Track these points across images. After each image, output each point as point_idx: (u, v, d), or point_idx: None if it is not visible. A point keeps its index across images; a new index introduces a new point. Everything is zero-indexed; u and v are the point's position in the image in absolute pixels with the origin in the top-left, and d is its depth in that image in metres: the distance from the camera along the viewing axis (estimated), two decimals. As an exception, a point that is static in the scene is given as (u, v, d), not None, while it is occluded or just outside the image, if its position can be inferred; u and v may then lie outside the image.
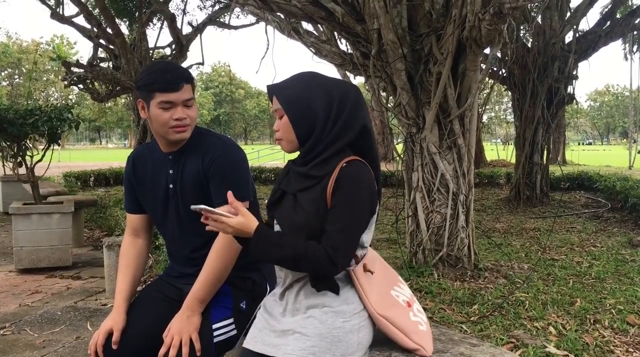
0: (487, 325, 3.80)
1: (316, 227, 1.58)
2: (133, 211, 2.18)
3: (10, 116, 5.79)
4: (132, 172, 2.15)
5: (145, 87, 1.96)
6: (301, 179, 1.67)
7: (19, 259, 5.78)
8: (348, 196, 1.57)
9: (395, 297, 1.74)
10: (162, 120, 1.95)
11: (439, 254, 5.17)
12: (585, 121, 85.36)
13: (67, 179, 13.92)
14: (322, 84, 1.65)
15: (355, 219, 1.59)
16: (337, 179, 1.58)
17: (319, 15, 5.64)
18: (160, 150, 2.09)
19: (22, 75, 57.10)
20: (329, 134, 1.62)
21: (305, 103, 1.62)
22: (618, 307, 4.17)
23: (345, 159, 1.61)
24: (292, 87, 1.66)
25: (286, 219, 1.67)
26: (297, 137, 1.64)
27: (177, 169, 2.05)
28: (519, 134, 10.53)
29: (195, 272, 1.97)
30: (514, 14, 4.35)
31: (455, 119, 5.19)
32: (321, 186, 1.61)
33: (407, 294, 1.81)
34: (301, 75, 1.70)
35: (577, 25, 10.05)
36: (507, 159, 23.65)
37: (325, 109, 1.61)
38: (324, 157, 1.62)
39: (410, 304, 1.78)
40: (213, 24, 15.38)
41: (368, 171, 1.65)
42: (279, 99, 1.64)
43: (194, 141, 2.05)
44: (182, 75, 1.96)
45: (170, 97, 1.93)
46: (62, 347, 3.63)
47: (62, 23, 13.38)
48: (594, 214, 9.29)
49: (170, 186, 2.05)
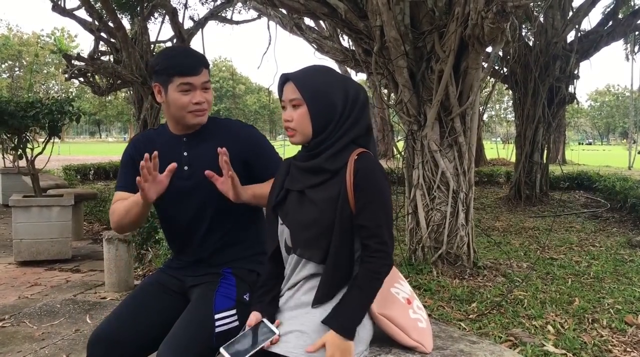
0: (486, 323, 3.81)
1: (329, 223, 1.58)
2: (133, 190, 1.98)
3: (11, 108, 5.79)
4: (135, 151, 2.09)
5: (164, 71, 1.97)
6: (308, 175, 1.66)
7: (19, 252, 5.78)
8: (376, 189, 1.60)
9: (395, 295, 1.73)
10: (182, 104, 1.96)
11: (439, 252, 5.17)
12: (585, 121, 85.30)
13: (67, 172, 13.92)
14: (340, 79, 1.67)
15: (389, 209, 1.63)
16: (357, 173, 1.59)
17: (321, 12, 5.64)
18: (170, 133, 2.08)
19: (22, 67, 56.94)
20: (341, 129, 1.63)
21: (327, 96, 1.62)
22: (616, 307, 4.18)
23: (356, 152, 1.63)
24: (313, 78, 1.65)
25: (294, 218, 1.66)
26: (313, 129, 1.63)
27: (192, 151, 2.04)
28: (519, 132, 10.52)
29: (203, 259, 2.00)
30: (516, 12, 4.35)
31: (456, 117, 5.19)
32: (337, 180, 1.61)
33: (407, 290, 1.80)
34: (319, 67, 1.70)
35: (579, 25, 10.04)
36: (507, 157, 23.65)
37: (343, 104, 1.63)
38: (334, 151, 1.62)
39: (410, 301, 1.77)
40: (215, 19, 15.33)
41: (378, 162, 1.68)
42: (299, 88, 1.63)
43: (210, 124, 2.07)
44: (201, 58, 2.00)
45: (190, 80, 1.95)
46: (61, 340, 3.63)
47: (63, 16, 13.33)
48: (593, 213, 9.29)
49: (185, 168, 2.02)
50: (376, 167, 1.63)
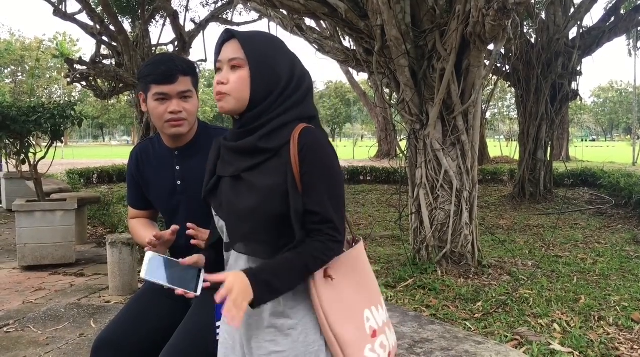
0: (491, 322, 3.79)
1: (272, 207, 1.38)
2: (138, 208, 2.13)
3: (13, 113, 5.79)
4: (135, 168, 2.07)
5: (142, 79, 1.93)
6: (244, 157, 1.43)
7: (23, 256, 5.78)
8: (325, 167, 1.39)
9: (363, 320, 1.47)
10: (158, 114, 1.90)
11: (443, 251, 5.15)
12: (588, 117, 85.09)
13: (70, 176, 13.94)
14: (290, 54, 1.49)
15: (340, 191, 1.42)
16: (302, 149, 1.37)
17: (322, 12, 5.62)
18: (164, 145, 2.03)
19: (25, 72, 57.12)
20: (282, 104, 1.42)
21: (274, 64, 1.43)
22: (623, 304, 4.16)
23: (299, 127, 1.41)
24: (261, 42, 1.45)
25: (229, 209, 1.45)
26: (251, 97, 1.42)
27: (184, 165, 1.99)
28: (522, 130, 10.51)
29: None
30: (518, 9, 4.33)
31: (459, 116, 5.17)
32: (279, 160, 1.40)
33: (381, 320, 1.51)
34: (269, 34, 1.52)
35: (581, 21, 10.03)
36: (511, 155, 23.63)
37: (288, 78, 1.44)
38: (270, 128, 1.41)
39: (376, 335, 1.48)
40: (216, 21, 15.36)
41: (325, 135, 1.47)
42: (245, 48, 1.41)
43: (202, 137, 2.00)
44: (177, 66, 1.88)
45: (164, 89, 1.87)
46: (66, 345, 3.63)
47: (65, 20, 13.39)
48: (598, 210, 9.26)
49: (178, 183, 1.99)
50: (325, 142, 1.42)
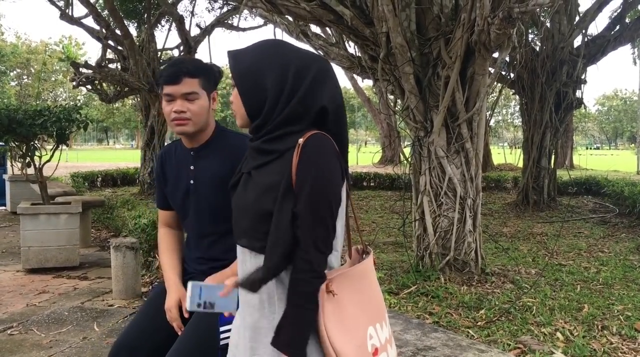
0: (494, 330, 3.78)
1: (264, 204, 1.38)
2: (163, 207, 2.23)
3: (19, 117, 5.82)
4: (160, 169, 2.19)
5: (157, 81, 2.09)
6: (255, 154, 1.47)
7: (27, 259, 5.80)
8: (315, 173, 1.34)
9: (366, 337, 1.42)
10: (166, 113, 2.03)
11: (446, 258, 5.15)
12: (593, 125, 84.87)
13: (74, 180, 13.96)
14: (281, 55, 1.43)
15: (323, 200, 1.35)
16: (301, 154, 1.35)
17: (327, 18, 5.64)
18: (184, 147, 2.13)
19: (30, 75, 57.41)
20: (281, 113, 1.40)
21: (255, 76, 1.42)
22: (626, 314, 4.15)
23: (307, 135, 1.38)
24: (246, 57, 1.45)
25: (235, 200, 1.51)
26: (247, 112, 1.45)
27: (198, 165, 2.08)
28: (526, 138, 10.49)
29: (206, 271, 2.01)
30: (523, 18, 4.34)
31: (463, 123, 5.18)
32: (283, 161, 1.39)
33: (384, 337, 1.48)
34: (262, 43, 1.49)
35: (586, 30, 10.02)
36: (515, 163, 23.56)
37: (278, 85, 1.40)
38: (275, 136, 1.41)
39: (377, 353, 1.43)
40: (221, 26, 15.40)
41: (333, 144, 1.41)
42: (231, 67, 1.45)
43: (217, 139, 2.09)
44: (183, 68, 1.97)
45: (170, 89, 1.97)
46: (69, 348, 3.64)
47: (71, 24, 13.45)
48: (601, 219, 9.24)
49: (191, 182, 2.08)
50: (326, 149, 1.37)
